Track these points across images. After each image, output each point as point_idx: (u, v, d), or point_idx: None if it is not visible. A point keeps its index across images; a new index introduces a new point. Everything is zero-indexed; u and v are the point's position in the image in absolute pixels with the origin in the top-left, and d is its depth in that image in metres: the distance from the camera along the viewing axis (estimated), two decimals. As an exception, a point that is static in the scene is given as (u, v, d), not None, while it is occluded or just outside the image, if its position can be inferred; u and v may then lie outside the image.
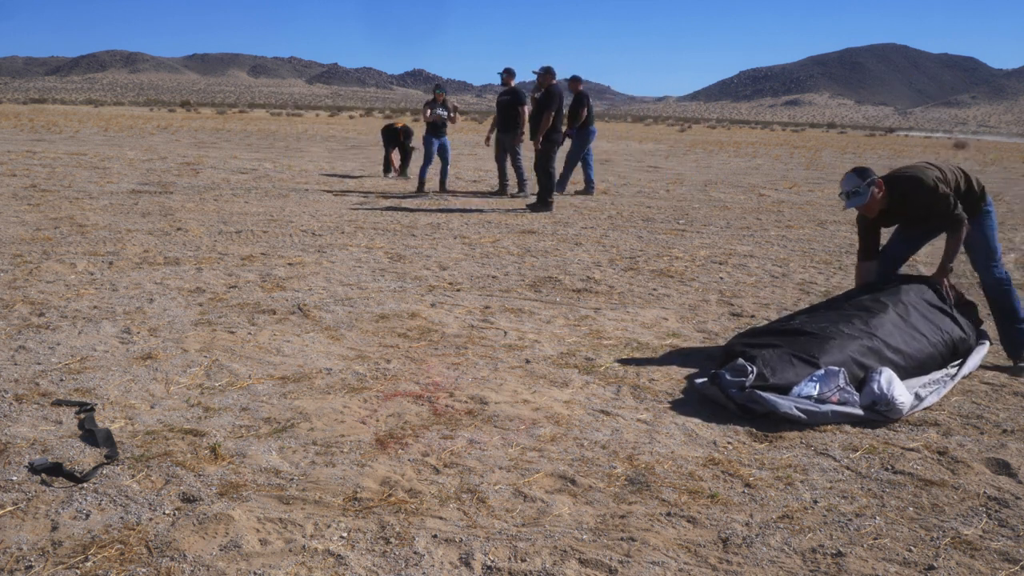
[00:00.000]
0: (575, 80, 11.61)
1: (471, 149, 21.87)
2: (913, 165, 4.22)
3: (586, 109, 11.26)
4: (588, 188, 11.74)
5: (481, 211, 9.55)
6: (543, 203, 9.73)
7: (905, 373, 3.60)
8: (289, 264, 5.97)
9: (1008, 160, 27.74)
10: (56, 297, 4.72)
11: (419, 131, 12.43)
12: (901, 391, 3.34)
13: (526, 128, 10.46)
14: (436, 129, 11.21)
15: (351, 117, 61.88)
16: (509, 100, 10.50)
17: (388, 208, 9.48)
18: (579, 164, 11.72)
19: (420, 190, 11.27)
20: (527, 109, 10.41)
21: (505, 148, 10.77)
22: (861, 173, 4.14)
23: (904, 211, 4.16)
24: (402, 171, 13.38)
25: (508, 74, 10.68)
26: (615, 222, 9.02)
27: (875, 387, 3.31)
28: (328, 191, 10.89)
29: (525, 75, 11.22)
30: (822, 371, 3.39)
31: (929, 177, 4.06)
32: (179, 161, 14.55)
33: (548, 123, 9.55)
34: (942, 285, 4.12)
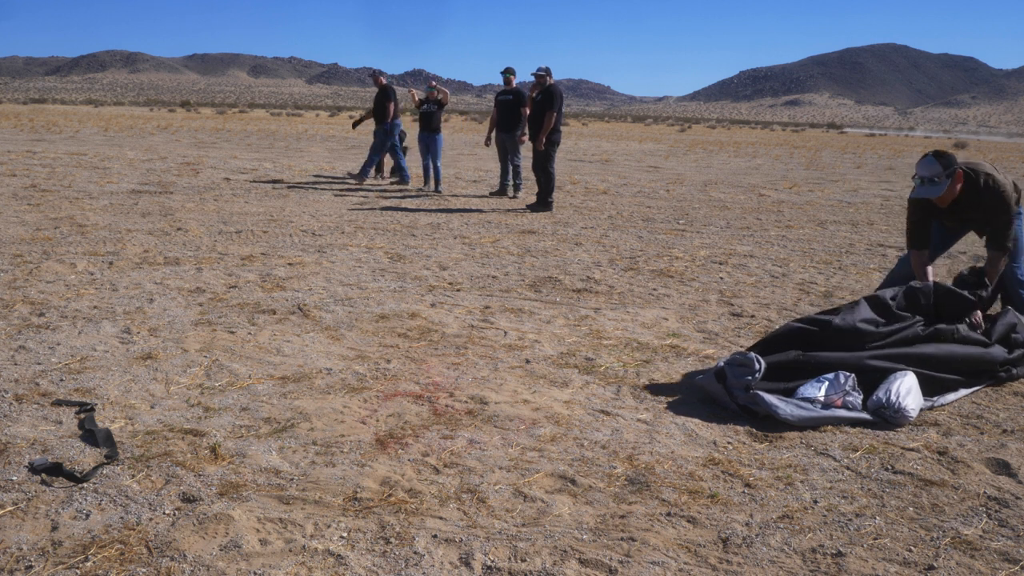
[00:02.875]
0: (378, 75, 12.04)
1: (471, 149, 21.87)
2: (983, 163, 3.98)
3: (392, 104, 11.69)
4: (403, 178, 12.12)
5: (481, 211, 9.55)
6: (543, 203, 9.73)
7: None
8: (289, 264, 5.97)
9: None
10: (56, 297, 4.72)
11: (415, 132, 12.56)
12: (915, 401, 3.30)
13: (527, 129, 10.50)
14: (426, 124, 11.49)
15: (351, 117, 61.90)
16: (512, 100, 10.50)
17: (388, 208, 9.48)
18: (378, 155, 12.14)
19: (425, 185, 11.75)
20: (527, 111, 10.43)
21: (507, 148, 10.78)
22: (944, 160, 3.79)
23: (968, 209, 3.91)
24: (379, 171, 13.38)
25: (510, 73, 10.68)
26: (615, 222, 9.02)
27: (888, 394, 3.27)
28: (328, 191, 10.90)
29: (525, 75, 11.22)
30: (831, 374, 3.38)
31: (1007, 187, 3.87)
32: (179, 161, 14.55)
33: (550, 124, 9.54)
34: (973, 316, 3.84)
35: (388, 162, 13.55)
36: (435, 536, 2.26)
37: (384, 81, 11.95)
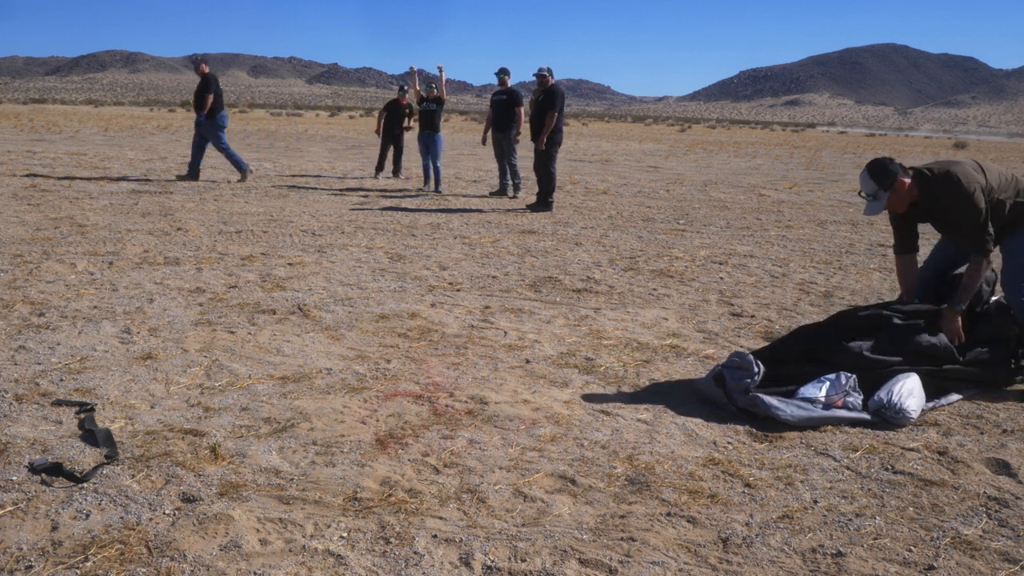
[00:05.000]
0: (199, 62, 11.15)
1: (471, 149, 21.87)
2: (958, 161, 3.72)
3: (212, 95, 10.78)
4: (243, 174, 11.36)
5: (481, 211, 9.55)
6: (543, 203, 9.73)
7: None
8: (289, 264, 5.97)
9: (1008, 160, 27.75)
10: (56, 297, 4.72)
11: (414, 131, 12.56)
12: (917, 402, 3.29)
13: (523, 128, 10.53)
14: (426, 123, 11.49)
15: (351, 117, 61.88)
16: (506, 100, 10.55)
17: (388, 208, 9.48)
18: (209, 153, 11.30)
19: (425, 185, 11.75)
20: (523, 110, 10.47)
21: (503, 147, 10.79)
22: (879, 174, 3.61)
23: (935, 211, 3.70)
24: (396, 171, 13.34)
25: (505, 74, 10.73)
26: (615, 222, 9.02)
27: (889, 395, 3.26)
28: (328, 191, 10.90)
29: (525, 75, 11.24)
30: (833, 375, 3.37)
31: (969, 181, 3.55)
32: (179, 161, 14.54)
33: (552, 123, 9.54)
34: (951, 332, 3.61)
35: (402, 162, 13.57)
36: (435, 536, 2.26)
37: (206, 70, 10.98)
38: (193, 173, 11.28)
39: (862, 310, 3.83)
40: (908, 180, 3.65)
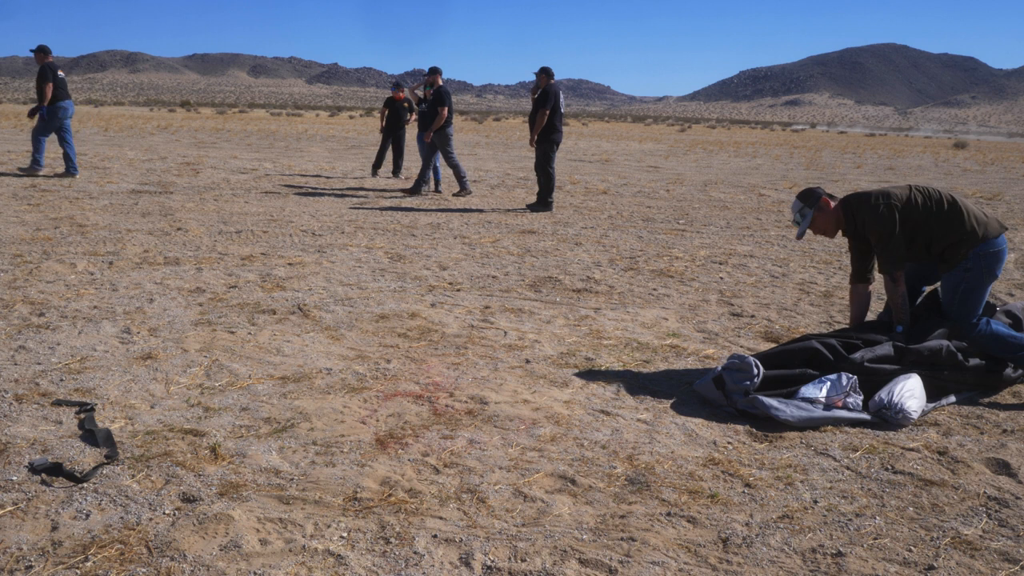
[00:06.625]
0: (41, 52, 10.64)
1: (470, 149, 21.87)
2: (902, 188, 3.81)
3: (51, 85, 10.49)
4: (69, 171, 10.96)
5: (481, 211, 9.55)
6: (543, 203, 9.73)
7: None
8: (289, 264, 5.97)
9: (1008, 160, 27.76)
10: (56, 297, 4.72)
11: (413, 132, 12.54)
12: (918, 403, 3.28)
13: (437, 127, 10.59)
14: (424, 124, 11.44)
15: (351, 117, 61.88)
16: (434, 100, 10.72)
17: (388, 208, 9.48)
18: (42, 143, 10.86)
19: (424, 186, 11.67)
20: (445, 110, 10.56)
21: (434, 144, 10.85)
22: (804, 196, 3.85)
23: (860, 232, 3.80)
24: (396, 171, 13.33)
25: (434, 73, 10.80)
26: (615, 222, 9.02)
27: (890, 395, 3.26)
28: (328, 191, 10.90)
29: (525, 75, 11.28)
30: (834, 375, 3.37)
31: (880, 201, 3.67)
32: (179, 161, 14.54)
33: (543, 122, 9.55)
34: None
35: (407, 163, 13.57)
36: (435, 536, 2.26)
37: (46, 59, 10.53)
38: (36, 165, 10.89)
39: (862, 329, 3.86)
40: (833, 202, 3.83)
